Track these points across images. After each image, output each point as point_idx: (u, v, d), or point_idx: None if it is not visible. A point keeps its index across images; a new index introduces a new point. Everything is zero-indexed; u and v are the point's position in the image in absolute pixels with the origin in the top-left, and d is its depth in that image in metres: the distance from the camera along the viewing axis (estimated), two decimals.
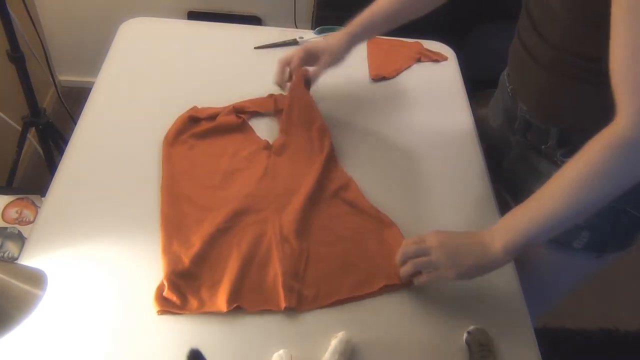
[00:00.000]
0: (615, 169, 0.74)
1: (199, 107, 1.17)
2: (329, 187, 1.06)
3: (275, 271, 0.91)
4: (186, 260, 0.90)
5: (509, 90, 1.08)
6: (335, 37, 1.16)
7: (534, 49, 0.94)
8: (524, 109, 1.03)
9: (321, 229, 0.99)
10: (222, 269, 0.91)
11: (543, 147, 1.01)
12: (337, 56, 1.16)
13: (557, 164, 1.00)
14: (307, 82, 1.19)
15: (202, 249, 0.92)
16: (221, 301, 0.87)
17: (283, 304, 0.87)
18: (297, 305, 0.89)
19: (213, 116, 1.15)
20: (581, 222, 0.96)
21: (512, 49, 1.05)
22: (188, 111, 1.16)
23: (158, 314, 0.86)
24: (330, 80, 1.25)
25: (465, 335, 0.87)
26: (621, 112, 0.71)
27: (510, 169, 1.14)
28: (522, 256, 1.06)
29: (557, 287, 1.17)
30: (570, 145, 0.97)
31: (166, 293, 0.87)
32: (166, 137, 1.11)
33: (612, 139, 0.72)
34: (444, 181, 1.12)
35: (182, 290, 0.87)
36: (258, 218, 0.99)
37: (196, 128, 1.13)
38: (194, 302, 0.87)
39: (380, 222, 1.01)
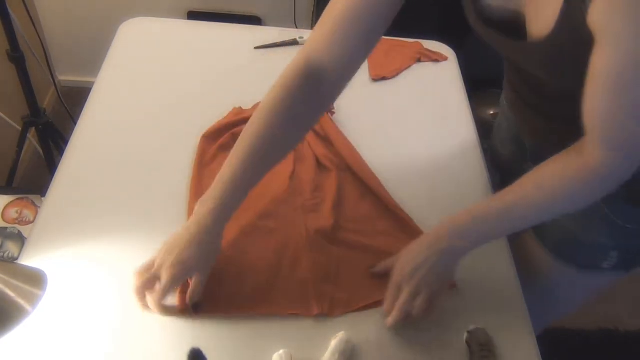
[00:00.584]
0: (580, 196, 0.77)
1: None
2: (355, 190, 1.05)
3: (304, 276, 0.91)
4: None
5: (511, 121, 1.06)
6: (196, 242, 0.81)
7: (529, 101, 0.93)
8: (531, 143, 1.01)
9: (350, 232, 0.99)
10: (248, 273, 0.91)
11: None
12: (209, 266, 0.85)
13: None
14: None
15: (228, 251, 0.92)
16: (249, 305, 0.87)
17: (315, 310, 0.87)
18: (330, 311, 0.88)
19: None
20: (610, 242, 0.96)
21: (505, 91, 1.03)
22: (230, 113, 1.16)
23: (180, 314, 0.85)
24: None
25: (465, 335, 0.87)
26: (592, 145, 0.71)
27: None
28: (541, 274, 1.04)
29: (575, 302, 1.14)
30: None
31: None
32: (204, 136, 1.10)
33: (582, 172, 0.74)
34: (444, 182, 1.12)
35: (207, 291, 0.86)
36: (285, 222, 0.98)
37: (234, 129, 1.11)
38: (219, 303, 0.86)
39: (406, 223, 1.01)
